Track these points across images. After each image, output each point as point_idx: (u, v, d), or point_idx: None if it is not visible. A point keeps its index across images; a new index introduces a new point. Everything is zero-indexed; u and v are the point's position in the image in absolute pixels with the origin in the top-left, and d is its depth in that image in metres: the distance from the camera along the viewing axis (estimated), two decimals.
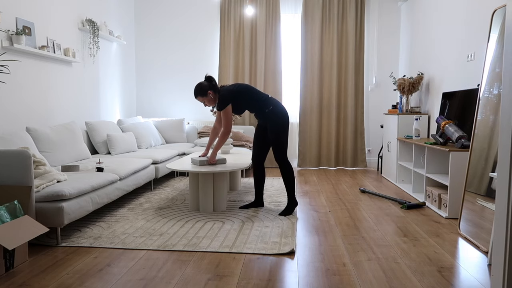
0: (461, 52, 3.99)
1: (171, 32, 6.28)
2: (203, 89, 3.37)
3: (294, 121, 6.22)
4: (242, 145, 5.49)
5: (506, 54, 1.51)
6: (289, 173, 3.38)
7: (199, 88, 3.38)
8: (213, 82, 3.41)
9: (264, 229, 2.97)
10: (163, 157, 4.50)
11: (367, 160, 6.21)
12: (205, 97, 3.39)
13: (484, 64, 2.89)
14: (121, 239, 2.75)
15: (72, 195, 2.66)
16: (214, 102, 3.43)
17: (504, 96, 1.52)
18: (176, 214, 3.37)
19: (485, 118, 2.82)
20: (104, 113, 5.31)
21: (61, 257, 2.44)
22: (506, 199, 1.47)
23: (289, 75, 6.20)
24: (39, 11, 3.94)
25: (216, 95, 3.40)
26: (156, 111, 6.40)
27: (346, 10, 5.88)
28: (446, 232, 2.94)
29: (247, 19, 6.00)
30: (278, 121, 3.31)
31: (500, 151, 1.52)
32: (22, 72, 3.71)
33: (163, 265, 2.32)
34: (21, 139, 3.26)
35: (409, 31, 5.61)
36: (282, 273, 2.22)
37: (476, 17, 3.67)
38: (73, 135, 3.99)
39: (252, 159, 3.56)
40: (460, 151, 3.21)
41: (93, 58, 5.00)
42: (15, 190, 2.46)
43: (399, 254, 2.49)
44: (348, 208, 3.65)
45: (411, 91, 4.92)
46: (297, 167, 6.14)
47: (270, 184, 4.70)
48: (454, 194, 3.25)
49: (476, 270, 2.26)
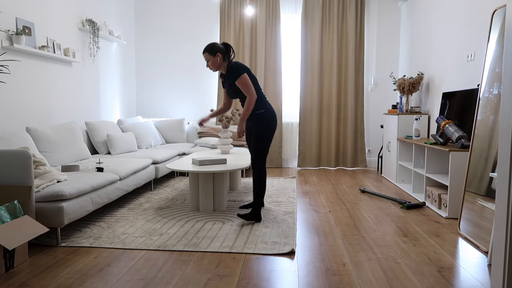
0: (461, 52, 3.99)
1: (171, 32, 6.28)
2: (215, 49, 3.14)
3: (294, 121, 6.22)
4: (242, 145, 5.50)
5: (506, 54, 1.51)
6: (260, 181, 3.19)
7: (212, 46, 3.15)
8: (228, 49, 3.21)
9: (264, 229, 2.97)
10: (163, 157, 4.50)
11: (367, 160, 6.21)
12: (211, 56, 3.15)
13: (484, 64, 2.89)
14: (121, 239, 2.75)
15: (72, 195, 2.66)
16: (217, 68, 3.19)
17: (504, 96, 1.52)
18: (176, 214, 3.37)
19: (485, 118, 2.82)
20: (104, 113, 5.31)
21: (61, 257, 2.44)
22: (506, 199, 1.47)
23: (289, 75, 6.20)
24: (39, 11, 3.94)
25: (225, 62, 3.19)
26: (156, 111, 6.40)
27: (346, 10, 5.88)
28: (446, 232, 2.94)
29: (247, 19, 6.00)
30: (265, 127, 3.15)
31: (500, 151, 1.52)
32: (22, 72, 3.71)
33: (163, 265, 2.32)
34: (21, 139, 3.26)
35: (409, 31, 5.61)
36: (282, 273, 2.22)
37: (476, 17, 3.67)
38: (73, 135, 3.99)
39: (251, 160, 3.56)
40: (460, 151, 3.21)
41: (93, 58, 5.00)
42: (15, 190, 2.46)
43: (399, 254, 2.49)
44: (348, 208, 3.65)
45: (411, 91, 4.92)
46: (297, 167, 6.15)
47: (270, 184, 4.70)
48: (454, 194, 3.25)
49: (476, 270, 2.26)
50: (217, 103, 6.15)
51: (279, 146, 6.09)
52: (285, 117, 6.22)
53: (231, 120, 4.31)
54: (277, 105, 6.04)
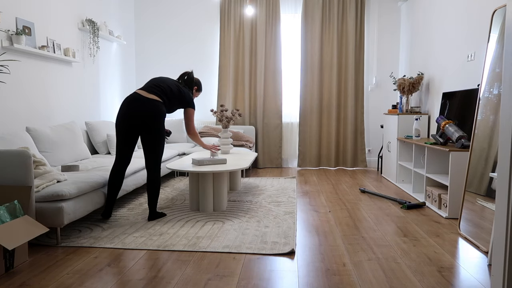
0: (461, 52, 3.99)
1: (171, 32, 6.28)
2: None
3: (294, 121, 6.22)
4: (242, 145, 5.50)
5: (506, 54, 1.51)
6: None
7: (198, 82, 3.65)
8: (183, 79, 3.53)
9: (264, 229, 2.97)
10: (163, 157, 4.50)
11: (367, 160, 6.21)
12: None
13: (484, 64, 2.89)
14: (121, 239, 2.75)
15: (72, 195, 2.66)
16: None
17: (504, 96, 1.52)
18: (176, 214, 3.37)
19: (485, 118, 2.82)
20: (104, 113, 5.31)
21: (61, 257, 2.44)
22: (506, 199, 1.47)
23: (289, 75, 6.20)
24: (39, 11, 3.94)
25: None
26: None
27: (346, 10, 5.88)
28: (446, 232, 2.94)
29: (247, 19, 6.00)
30: None
31: (500, 151, 1.52)
32: (22, 72, 3.71)
33: (163, 265, 2.32)
34: (21, 139, 3.26)
35: (409, 31, 5.61)
36: (282, 273, 2.22)
37: (476, 17, 3.67)
38: (73, 135, 3.99)
39: None
40: (460, 151, 3.21)
41: (93, 58, 5.00)
42: (15, 190, 2.46)
43: (399, 254, 2.49)
44: (348, 208, 3.65)
45: (411, 91, 4.92)
46: (297, 167, 6.15)
47: (270, 184, 4.70)
48: (454, 194, 3.25)
49: (476, 270, 2.26)
50: (217, 103, 6.15)
51: (279, 146, 6.09)
52: (285, 117, 6.22)
53: (231, 120, 4.31)
54: (277, 105, 6.04)
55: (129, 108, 3.04)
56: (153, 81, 3.22)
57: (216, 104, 6.25)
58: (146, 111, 3.01)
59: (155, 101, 3.06)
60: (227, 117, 4.27)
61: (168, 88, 3.20)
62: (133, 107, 3.03)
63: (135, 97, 3.06)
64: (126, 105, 3.06)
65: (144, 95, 3.07)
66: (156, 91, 3.12)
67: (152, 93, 3.11)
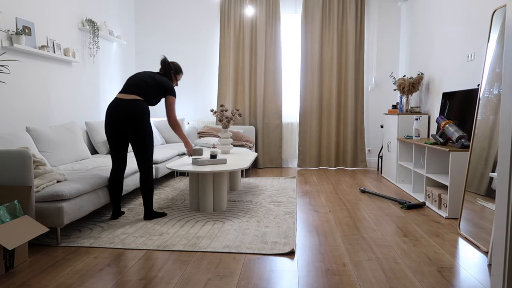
0: (461, 52, 3.99)
1: (171, 32, 6.28)
2: None
3: (294, 121, 6.22)
4: (242, 145, 5.49)
5: (506, 54, 1.51)
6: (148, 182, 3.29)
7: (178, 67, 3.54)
8: None
9: (264, 229, 2.97)
10: (163, 157, 4.49)
11: (367, 160, 6.21)
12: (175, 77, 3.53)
13: (484, 64, 2.89)
14: (121, 239, 2.75)
15: (72, 195, 2.66)
16: None
17: (504, 96, 1.52)
18: (176, 214, 3.37)
19: (485, 118, 2.82)
20: (104, 113, 5.31)
21: (61, 257, 2.44)
22: (506, 199, 1.47)
23: (289, 75, 6.20)
24: (39, 11, 3.94)
25: None
26: (156, 111, 6.40)
27: (346, 10, 5.88)
28: (446, 232, 2.94)
29: (247, 19, 6.00)
30: None
31: (500, 151, 1.52)
32: (22, 72, 3.71)
33: (163, 265, 2.32)
34: (21, 139, 3.26)
35: (409, 31, 5.61)
36: (282, 273, 2.22)
37: (476, 17, 3.67)
38: (73, 135, 3.99)
39: None
40: (460, 151, 3.21)
41: (93, 58, 5.00)
42: (15, 190, 2.46)
43: (399, 254, 2.49)
44: (348, 208, 3.65)
45: (411, 91, 4.92)
46: (297, 167, 6.14)
47: (270, 184, 4.70)
48: (454, 194, 3.25)
49: (476, 270, 2.26)
50: (217, 103, 6.15)
51: (279, 146, 6.09)
52: (285, 117, 6.22)
53: (231, 120, 4.31)
54: (277, 105, 6.04)
55: (111, 114, 3.11)
56: (129, 81, 3.24)
57: (216, 104, 6.25)
58: (126, 113, 3.07)
59: (133, 101, 3.10)
60: (227, 117, 4.27)
61: (144, 82, 3.22)
62: (115, 112, 3.10)
63: (116, 102, 3.12)
64: (109, 112, 3.13)
65: (123, 98, 3.12)
66: (133, 90, 3.16)
67: (130, 93, 3.15)
